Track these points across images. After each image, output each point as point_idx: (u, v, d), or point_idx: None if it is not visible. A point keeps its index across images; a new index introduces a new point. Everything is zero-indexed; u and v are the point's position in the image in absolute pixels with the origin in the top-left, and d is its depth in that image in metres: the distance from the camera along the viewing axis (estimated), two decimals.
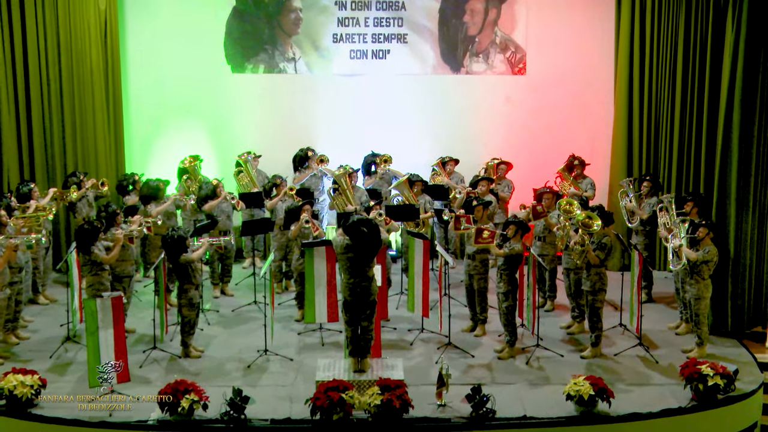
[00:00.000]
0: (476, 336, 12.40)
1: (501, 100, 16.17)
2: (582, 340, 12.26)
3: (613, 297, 13.06)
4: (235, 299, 13.94)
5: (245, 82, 16.06)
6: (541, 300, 13.34)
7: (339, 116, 16.09)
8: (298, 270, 12.80)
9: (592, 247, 11.61)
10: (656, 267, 14.84)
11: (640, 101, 15.24)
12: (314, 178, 15.16)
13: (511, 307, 11.66)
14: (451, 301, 12.87)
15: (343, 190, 13.99)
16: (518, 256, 11.60)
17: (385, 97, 16.11)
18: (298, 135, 15.82)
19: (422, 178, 14.35)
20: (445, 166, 15.20)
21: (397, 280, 14.00)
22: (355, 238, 10.48)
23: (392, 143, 15.71)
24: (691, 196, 12.88)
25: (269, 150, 15.59)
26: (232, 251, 14.15)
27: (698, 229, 11.61)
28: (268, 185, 14.24)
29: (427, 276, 12.04)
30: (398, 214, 13.40)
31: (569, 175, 14.81)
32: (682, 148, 14.80)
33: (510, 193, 14.95)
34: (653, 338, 12.31)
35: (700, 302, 11.63)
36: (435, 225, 15.09)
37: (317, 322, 11.91)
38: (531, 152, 15.96)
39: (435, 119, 16.15)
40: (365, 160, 15.32)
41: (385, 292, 12.20)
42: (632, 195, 13.80)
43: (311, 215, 12.79)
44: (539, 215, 12.92)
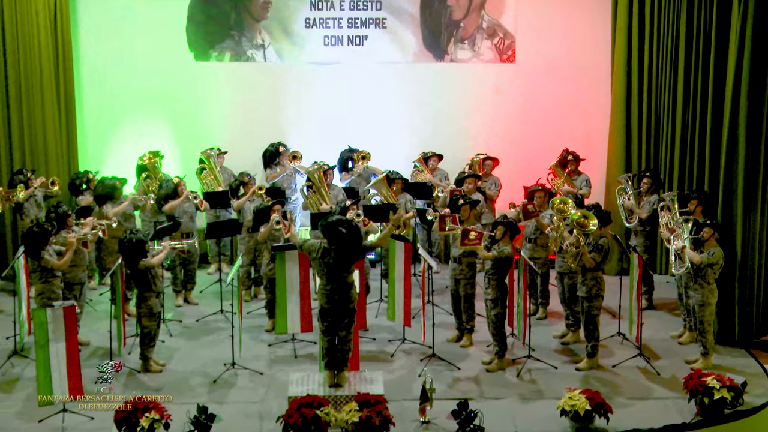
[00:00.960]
0: (462, 347, 12.39)
1: (488, 91, 16.18)
2: (577, 350, 12.27)
3: (610, 303, 13.04)
4: (199, 308, 13.89)
5: (210, 71, 16.00)
6: (532, 307, 13.34)
7: (312, 108, 16.05)
8: (268, 276, 12.76)
9: (587, 249, 11.61)
10: (657, 271, 14.87)
11: (639, 91, 15.28)
12: (286, 175, 15.16)
13: (500, 314, 11.65)
14: (435, 309, 12.84)
15: (317, 188, 13.97)
16: (508, 260, 11.59)
17: (363, 87, 16.09)
18: (268, 129, 15.79)
19: (403, 176, 14.36)
20: (428, 162, 15.22)
21: (376, 286, 13.96)
22: (334, 240, 10.44)
23: (370, 137, 15.71)
24: (694, 194, 12.92)
25: (236, 145, 15.56)
26: (196, 256, 14.09)
27: (703, 229, 11.64)
28: (234, 183, 14.21)
29: (408, 282, 12.02)
30: (377, 214, 13.36)
31: (562, 172, 14.83)
32: (685, 141, 14.84)
33: (498, 191, 14.97)
34: (654, 348, 12.32)
35: (704, 309, 11.65)
36: (417, 226, 15.09)
37: (289, 332, 11.89)
38: (521, 147, 15.97)
39: (417, 111, 16.14)
40: (341, 156, 15.30)
41: (363, 300, 12.16)
42: (631, 192, 13.82)
43: (282, 216, 12.72)
44: (530, 215, 12.92)
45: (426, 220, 13.44)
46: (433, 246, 15.28)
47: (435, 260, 14.55)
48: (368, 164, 15.15)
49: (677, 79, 14.83)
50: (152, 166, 14.67)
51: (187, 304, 14.06)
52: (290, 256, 11.59)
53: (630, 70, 15.29)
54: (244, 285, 13.96)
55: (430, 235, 14.99)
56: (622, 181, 14.07)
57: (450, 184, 14.69)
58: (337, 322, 10.70)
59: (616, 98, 15.49)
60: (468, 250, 11.99)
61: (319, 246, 10.56)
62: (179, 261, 14.00)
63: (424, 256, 12.32)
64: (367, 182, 14.87)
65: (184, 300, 14.09)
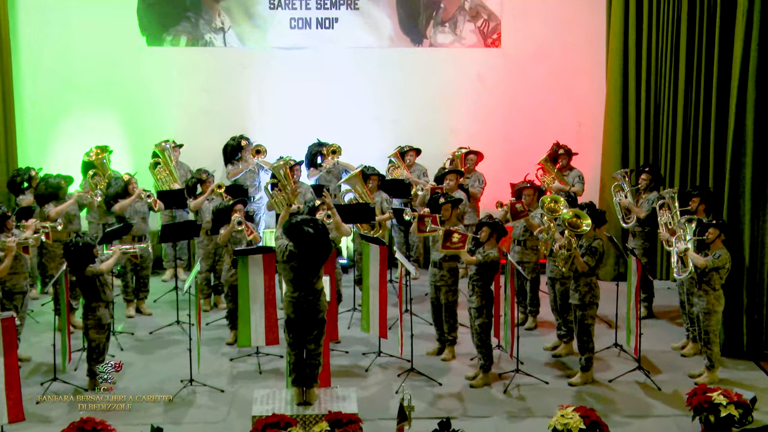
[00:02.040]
0: (444, 360, 12.38)
1: (471, 78, 16.21)
2: (570, 363, 12.28)
3: (606, 312, 13.08)
4: (153, 319, 13.83)
5: (164, 57, 15.95)
6: (521, 316, 13.35)
7: (278, 98, 16.03)
8: (229, 283, 12.72)
9: (580, 252, 11.62)
10: (657, 276, 14.90)
11: (636, 78, 15.31)
12: (248, 172, 15.15)
13: (486, 325, 11.64)
14: (414, 319, 12.84)
15: (283, 186, 13.94)
16: (494, 264, 11.58)
17: (333, 75, 16.08)
18: (229, 121, 15.77)
19: (378, 172, 14.37)
20: (405, 157, 15.23)
21: (348, 293, 13.95)
22: (300, 242, 10.39)
23: (341, 130, 15.71)
24: (697, 191, 12.91)
25: (193, 138, 15.54)
26: (149, 261, 14.03)
27: (707, 229, 11.65)
28: (191, 181, 14.16)
29: (384, 289, 12.00)
30: (350, 214, 13.35)
31: (553, 167, 14.85)
32: (687, 133, 14.89)
33: (482, 189, 15.01)
34: (654, 361, 12.35)
35: (709, 317, 11.67)
36: (394, 228, 15.09)
37: (253, 345, 11.85)
38: (507, 140, 16.01)
39: (392, 101, 16.14)
40: (309, 150, 15.30)
41: (334, 309, 12.14)
42: (628, 190, 13.86)
43: (244, 216, 12.69)
44: (518, 215, 12.92)
45: (403, 221, 13.42)
46: (412, 249, 15.27)
47: (413, 265, 14.53)
48: (339, 159, 15.15)
49: (679, 65, 14.86)
50: (100, 162, 14.58)
51: (140, 314, 13.99)
52: (254, 261, 11.54)
53: (627, 54, 15.32)
54: (203, 293, 13.91)
55: (407, 237, 14.99)
56: (619, 178, 14.10)
57: (429, 182, 14.67)
58: (306, 333, 10.66)
59: (611, 86, 15.52)
60: (450, 253, 11.98)
61: (285, 250, 10.50)
62: (131, 267, 13.91)
63: (401, 261, 12.29)
64: (339, 179, 14.86)
65: (136, 310, 14.02)
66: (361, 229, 13.75)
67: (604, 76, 15.76)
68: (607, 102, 15.63)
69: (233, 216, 12.60)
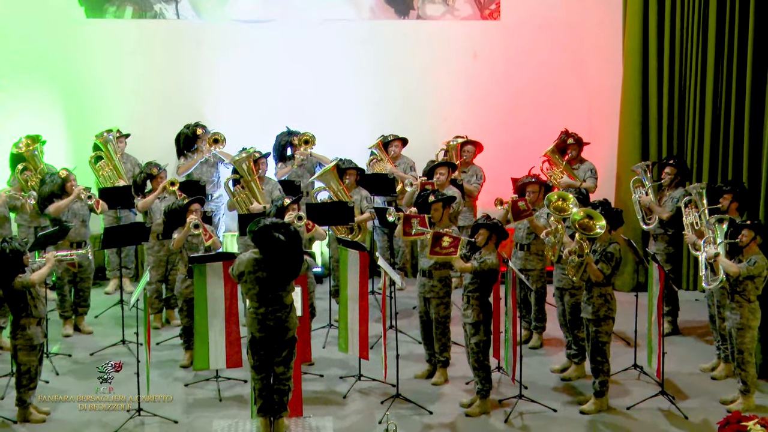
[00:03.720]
0: (435, 384, 12.38)
1: (466, 56, 16.24)
2: (582, 388, 12.28)
3: (624, 328, 13.10)
4: (94, 338, 13.78)
5: (106, 31, 15.95)
6: (524, 333, 13.36)
7: (240, 79, 16.07)
8: (184, 295, 12.71)
9: (593, 258, 11.61)
10: (683, 285, 14.91)
11: (658, 56, 15.36)
12: (206, 165, 15.17)
13: (483, 343, 11.64)
14: (400, 337, 12.79)
15: (246, 182, 13.94)
16: (492, 272, 11.57)
17: (304, 52, 16.11)
18: (183, 105, 15.81)
19: (356, 165, 14.36)
20: (389, 147, 15.26)
21: (323, 307, 13.94)
22: (267, 249, 10.37)
23: (315, 117, 15.74)
24: (729, 187, 12.96)
25: (141, 127, 15.55)
26: (90, 270, 14.01)
27: (741, 231, 11.65)
28: (140, 176, 14.12)
29: (365, 302, 11.99)
30: (325, 215, 13.38)
31: (561, 159, 14.88)
32: (717, 120, 14.92)
33: (479, 185, 15.03)
34: (680, 384, 12.37)
35: (744, 333, 11.68)
36: (376, 230, 15.10)
37: (212, 368, 11.85)
38: (508, 128, 16.06)
39: (374, 83, 16.20)
40: (278, 140, 15.31)
41: (306, 326, 12.12)
42: (649, 186, 13.87)
43: (201, 218, 12.67)
44: (521, 215, 12.92)
45: (387, 223, 13.39)
46: (397, 256, 15.28)
47: (399, 274, 14.51)
48: (312, 151, 15.16)
49: (707, 39, 14.90)
50: (31, 154, 14.54)
51: (79, 333, 13.94)
52: (212, 270, 11.54)
53: (647, 27, 15.36)
54: (153, 307, 13.88)
55: (392, 241, 15.00)
56: (638, 172, 14.10)
57: (418, 176, 14.66)
58: (273, 354, 10.65)
59: (629, 65, 15.56)
60: (441, 260, 11.96)
61: (250, 259, 10.47)
62: (68, 278, 13.88)
63: (384, 269, 12.27)
64: (312, 174, 14.86)
65: (74, 328, 13.97)
66: (337, 232, 13.71)
67: (620, 53, 15.79)
68: (624, 83, 15.67)
69: (188, 217, 12.57)
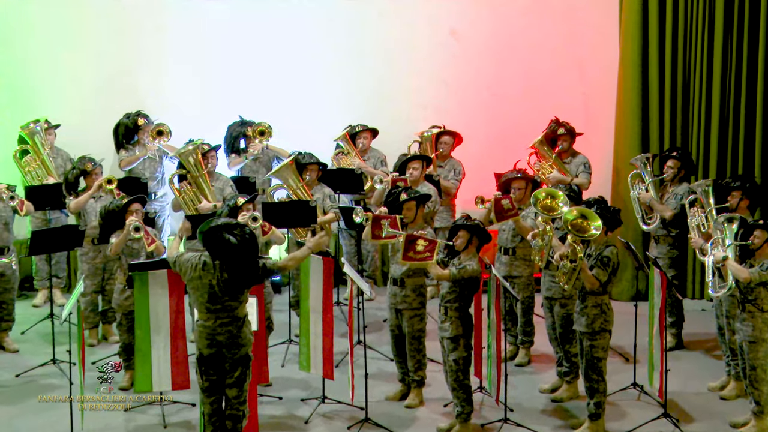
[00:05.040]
0: (409, 407, 12.37)
1: (444, 35, 16.27)
2: (575, 410, 12.30)
3: (622, 342, 13.14)
4: (20, 357, 13.73)
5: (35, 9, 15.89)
6: (510, 348, 13.37)
7: (186, 62, 16.10)
8: (123, 308, 12.66)
9: (587, 263, 11.61)
10: (688, 294, 14.94)
11: (659, 36, 15.40)
12: (148, 160, 15.14)
13: (464, 360, 11.63)
14: (369, 353, 12.77)
15: (193, 178, 13.92)
16: (473, 280, 11.57)
17: (263, 33, 16.14)
18: (122, 92, 15.82)
19: (320, 160, 14.34)
20: (356, 139, 15.27)
21: (282, 320, 13.94)
22: (218, 253, 10.33)
23: (272, 105, 15.79)
24: (739, 183, 12.98)
25: (74, 117, 15.56)
26: (15, 280, 13.97)
27: (752, 232, 11.67)
28: (72, 173, 14.07)
29: (330, 314, 11.98)
30: (283, 216, 13.37)
31: (550, 152, 14.91)
32: (725, 108, 14.98)
33: (459, 181, 15.06)
34: (685, 406, 12.39)
35: (757, 347, 11.69)
36: (341, 233, 15.11)
37: (155, 390, 11.79)
38: (491, 116, 16.10)
39: (340, 66, 16.22)
40: (230, 131, 15.34)
41: (263, 342, 12.09)
42: (650, 181, 13.90)
43: (143, 219, 12.65)
44: (505, 214, 12.92)
45: (354, 224, 13.36)
46: (365, 262, 15.28)
47: (368, 282, 14.48)
48: (268, 143, 15.19)
49: (714, 17, 14.96)
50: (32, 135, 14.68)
51: (2, 351, 13.88)
52: (156, 279, 11.52)
53: (646, 6, 15.38)
54: (88, 322, 13.86)
55: (359, 245, 14.99)
56: (637, 165, 14.14)
57: (389, 172, 14.66)
58: (224, 374, 10.60)
59: (627, 44, 15.60)
60: (415, 266, 11.95)
61: (197, 261, 10.44)
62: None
63: (351, 277, 12.24)
64: (268, 170, 14.90)
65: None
66: (297, 235, 13.69)
67: (617, 32, 15.85)
68: (621, 65, 15.71)
69: (128, 219, 12.54)
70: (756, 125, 14.46)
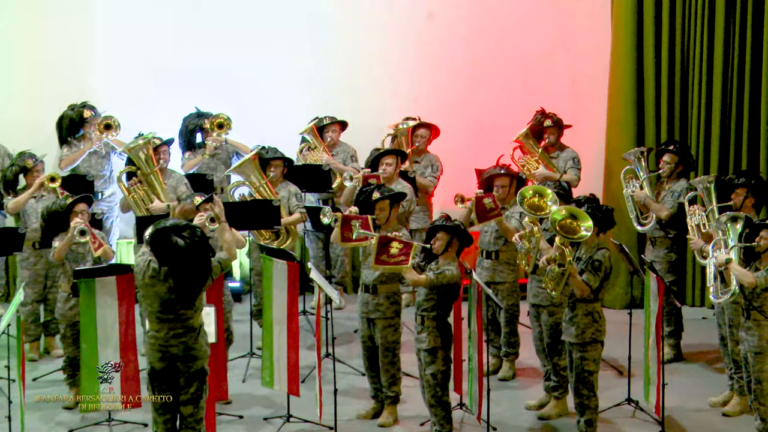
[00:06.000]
0: (382, 426, 12.36)
1: (420, 17, 16.29)
2: (564, 428, 12.32)
3: (615, 353, 13.18)
4: None
5: None
6: (493, 361, 13.39)
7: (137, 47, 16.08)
8: (68, 319, 12.64)
9: (577, 268, 11.61)
10: (688, 301, 14.97)
11: (656, 20, 15.43)
12: (95, 156, 15.13)
13: (442, 374, 11.63)
14: (339, 367, 12.77)
15: (144, 175, 13.88)
16: (452, 287, 11.56)
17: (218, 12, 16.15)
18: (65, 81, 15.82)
19: (284, 155, 14.32)
20: (324, 132, 15.26)
21: (243, 332, 13.94)
22: (167, 257, 10.29)
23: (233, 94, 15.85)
24: (743, 179, 12.99)
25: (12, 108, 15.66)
26: None
27: (758, 233, 11.68)
28: (11, 171, 14.08)
29: (295, 324, 11.96)
30: (244, 217, 13.36)
31: (537, 146, 14.92)
32: (727, 98, 15.01)
33: (436, 178, 15.08)
34: (685, 423, 12.41)
35: (763, 359, 11.70)
36: (308, 235, 15.10)
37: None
38: (472, 107, 16.15)
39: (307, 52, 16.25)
40: (185, 124, 15.34)
41: (222, 355, 12.07)
42: (645, 177, 13.92)
43: (89, 221, 12.61)
44: (488, 214, 12.93)
45: (321, 226, 13.32)
46: (334, 267, 15.27)
47: (337, 290, 14.47)
48: (228, 137, 15.19)
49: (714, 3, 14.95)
50: None
51: None
52: (103, 287, 11.48)
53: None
54: (29, 334, 13.83)
55: (328, 249, 14.97)
56: (631, 160, 14.16)
57: (360, 168, 14.64)
58: (178, 391, 10.57)
59: (619, 26, 15.63)
60: (389, 271, 11.94)
61: (145, 267, 10.39)
62: None
63: (319, 284, 12.22)
64: (228, 166, 14.89)
65: None
66: (260, 237, 13.67)
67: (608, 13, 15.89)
68: (614, 50, 15.75)
69: (73, 221, 12.51)
70: (761, 116, 14.49)
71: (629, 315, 12.80)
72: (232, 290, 14.24)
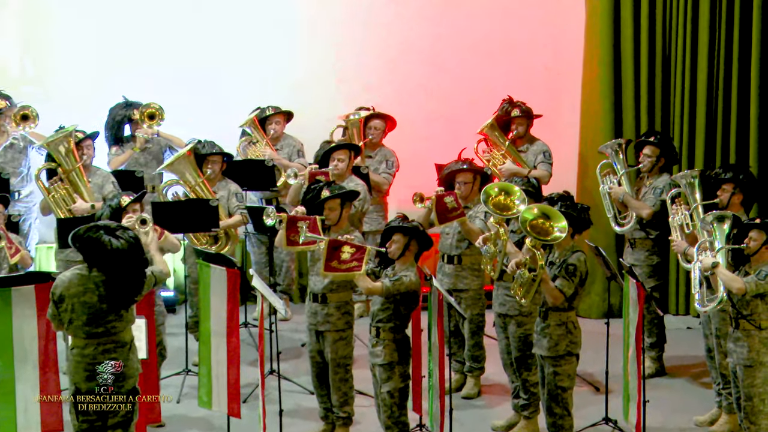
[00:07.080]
0: None
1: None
2: None
3: (591, 368, 13.26)
4: None
5: None
6: (456, 377, 13.42)
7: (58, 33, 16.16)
8: None
9: (549, 273, 11.62)
10: (671, 309, 15.03)
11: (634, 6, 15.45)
12: (10, 151, 15.11)
13: (400, 392, 11.65)
14: (285, 385, 12.79)
15: (66, 173, 13.83)
16: (410, 296, 11.56)
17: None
18: None
19: (224, 151, 14.34)
20: (267, 124, 15.27)
21: (177, 346, 13.92)
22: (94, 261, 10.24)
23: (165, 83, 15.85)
24: (730, 174, 13.04)
25: None
26: None
27: (747, 234, 11.71)
28: None
29: (236, 338, 11.93)
30: (178, 218, 13.36)
31: (503, 138, 14.95)
32: (712, 86, 15.08)
33: (392, 174, 15.11)
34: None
35: (753, 372, 11.75)
36: (249, 238, 15.12)
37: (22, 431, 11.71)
38: (432, 95, 16.17)
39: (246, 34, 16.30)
40: (111, 115, 15.32)
41: (154, 372, 12.02)
42: (623, 172, 13.95)
43: (5, 224, 12.59)
44: (449, 214, 12.93)
45: (265, 228, 13.30)
46: (278, 273, 15.24)
47: (282, 299, 14.44)
48: (160, 130, 15.16)
49: None
50: None
51: None
52: (20, 298, 11.40)
53: None
54: None
55: (272, 253, 14.96)
56: (607, 153, 14.18)
57: (307, 164, 14.63)
58: (106, 414, 10.52)
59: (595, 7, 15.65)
60: (339, 278, 11.94)
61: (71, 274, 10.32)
62: None
63: (262, 292, 12.19)
64: (160, 162, 14.85)
65: None
66: (195, 241, 13.65)
67: None
68: (588, 33, 15.81)
69: None
70: (750, 104, 14.55)
71: (606, 325, 12.81)
72: (165, 300, 14.18)
